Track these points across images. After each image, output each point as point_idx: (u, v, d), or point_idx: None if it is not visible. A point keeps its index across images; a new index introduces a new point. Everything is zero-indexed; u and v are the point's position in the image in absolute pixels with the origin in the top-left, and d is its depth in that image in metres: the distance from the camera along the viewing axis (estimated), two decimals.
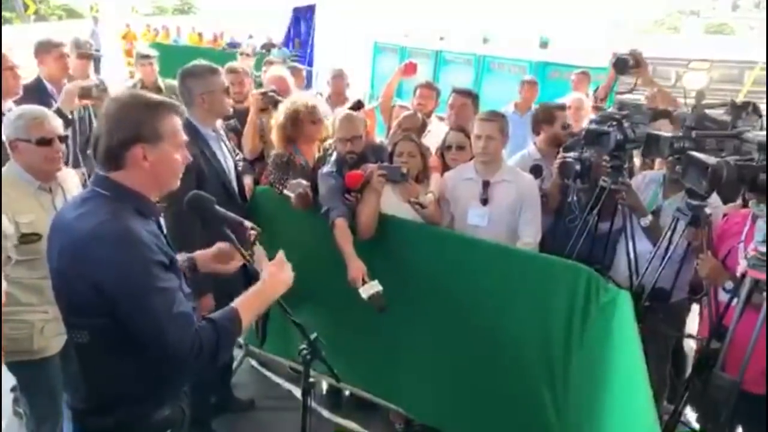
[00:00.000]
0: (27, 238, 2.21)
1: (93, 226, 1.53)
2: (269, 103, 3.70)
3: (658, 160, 3.26)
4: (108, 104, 1.62)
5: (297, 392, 3.18)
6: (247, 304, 1.70)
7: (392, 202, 2.99)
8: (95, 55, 5.64)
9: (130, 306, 1.52)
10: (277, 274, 1.78)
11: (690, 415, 2.94)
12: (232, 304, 1.68)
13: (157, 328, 1.52)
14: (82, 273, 1.52)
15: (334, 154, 3.13)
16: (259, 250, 1.82)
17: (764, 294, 2.02)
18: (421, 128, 3.81)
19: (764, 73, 9.23)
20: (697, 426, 2.63)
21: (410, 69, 4.75)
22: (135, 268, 1.51)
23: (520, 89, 5.55)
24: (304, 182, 3.05)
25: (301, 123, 3.25)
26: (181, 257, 1.95)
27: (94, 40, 12.12)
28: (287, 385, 3.66)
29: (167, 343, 1.52)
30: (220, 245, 1.97)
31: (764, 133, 1.97)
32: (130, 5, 48.12)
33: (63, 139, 2.38)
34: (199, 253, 1.97)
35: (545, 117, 3.66)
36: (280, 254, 1.84)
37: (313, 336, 1.96)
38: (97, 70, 6.59)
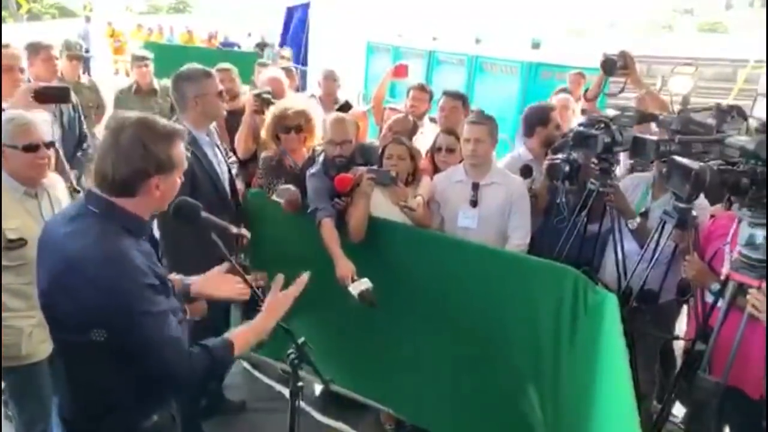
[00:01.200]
0: (13, 244, 2.20)
1: (82, 247, 1.53)
2: (264, 104, 3.71)
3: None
4: (119, 130, 1.57)
5: (288, 394, 3.18)
6: (243, 338, 1.77)
7: (382, 205, 3.00)
8: (85, 56, 5.62)
9: (123, 328, 1.53)
10: (276, 310, 1.85)
11: (678, 414, 2.98)
12: (228, 336, 1.74)
13: (151, 351, 1.56)
14: (71, 295, 1.52)
15: (322, 155, 3.14)
16: (278, 277, 1.89)
17: (747, 297, 2.04)
18: (413, 131, 3.82)
19: (756, 71, 9.28)
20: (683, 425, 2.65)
21: (401, 71, 4.75)
22: (124, 291, 1.51)
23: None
24: (293, 187, 3.06)
25: (274, 132, 3.27)
26: (178, 280, 1.95)
27: (85, 40, 12.06)
28: (279, 387, 3.66)
29: (162, 363, 1.58)
30: (217, 270, 2.00)
31: (746, 138, 1.99)
32: (124, 4, 47.90)
33: (49, 145, 2.38)
34: (192, 280, 1.99)
35: (541, 118, 3.67)
36: (280, 289, 1.89)
37: (300, 340, 1.97)
38: (86, 70, 6.53)
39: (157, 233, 2.60)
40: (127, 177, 1.56)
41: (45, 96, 2.96)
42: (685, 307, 3.31)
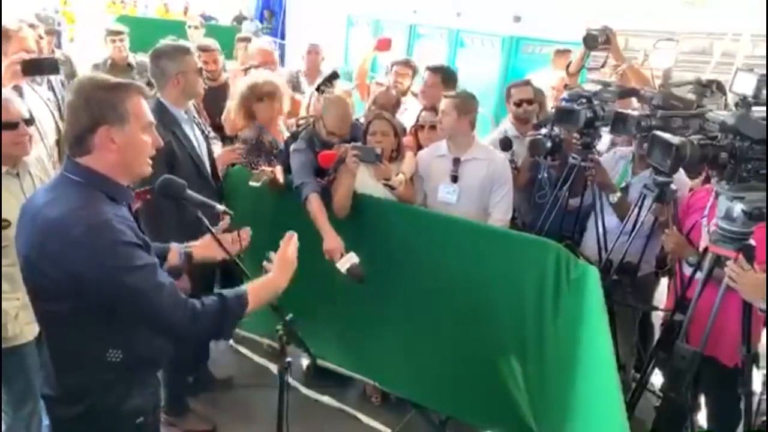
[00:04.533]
0: None
1: (63, 213, 1.52)
2: None
3: None
4: (71, 91, 1.61)
5: (275, 369, 3.21)
6: (257, 293, 1.76)
7: (366, 181, 3.00)
8: (57, 29, 5.47)
9: (113, 288, 1.52)
10: (287, 265, 1.85)
11: (656, 383, 3.07)
12: (245, 287, 1.74)
13: (148, 304, 1.55)
14: (55, 260, 1.51)
15: (306, 131, 3.13)
16: (289, 234, 1.90)
17: (725, 268, 2.09)
18: (396, 105, 3.80)
19: (734, 44, 9.35)
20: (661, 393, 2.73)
21: (384, 44, 4.71)
22: (109, 251, 1.51)
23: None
24: (268, 169, 3.04)
25: (247, 104, 3.26)
26: (177, 247, 2.00)
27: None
28: (265, 363, 3.69)
29: (157, 311, 1.56)
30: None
31: (726, 113, 2.02)
32: None
33: (29, 121, 2.32)
34: (192, 244, 2.02)
35: (506, 95, 3.71)
36: (291, 244, 1.89)
37: (289, 317, 1.98)
38: (59, 45, 6.32)
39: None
40: (78, 132, 1.58)
41: (33, 68, 2.86)
42: (663, 279, 3.39)
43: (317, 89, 3.40)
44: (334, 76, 3.75)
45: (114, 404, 1.66)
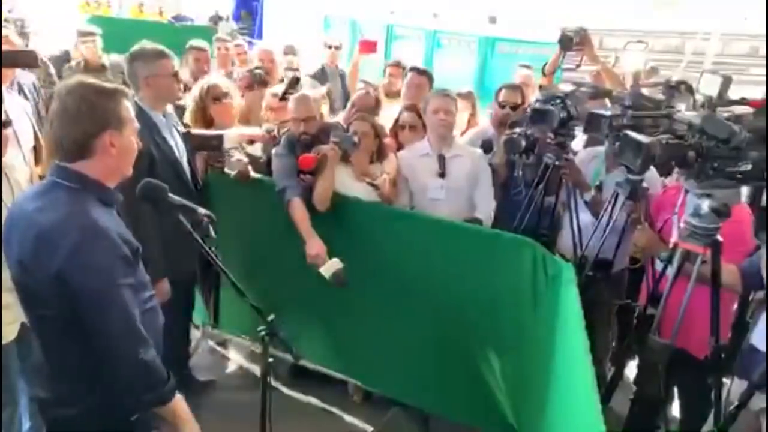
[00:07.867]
0: None
1: (54, 220, 1.54)
2: (256, 82, 3.76)
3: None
4: (64, 96, 1.60)
5: (257, 370, 3.21)
6: (175, 412, 1.73)
7: (348, 182, 3.03)
8: (25, 31, 5.42)
9: (91, 299, 1.55)
10: None
11: (630, 374, 3.14)
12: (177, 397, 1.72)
13: (104, 320, 1.57)
14: (46, 264, 1.53)
15: (287, 135, 3.15)
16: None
17: (696, 264, 2.16)
18: (375, 107, 3.84)
19: (704, 43, 9.58)
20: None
21: (368, 46, 4.75)
22: (101, 261, 1.54)
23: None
24: (244, 159, 3.13)
25: (203, 108, 3.32)
26: None
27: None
28: (247, 365, 3.70)
29: (113, 338, 1.58)
30: None
31: (693, 113, 2.09)
32: None
33: (6, 124, 2.31)
34: None
35: (496, 93, 3.78)
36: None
37: (270, 317, 2.00)
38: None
39: None
40: (79, 137, 1.59)
41: (11, 61, 2.80)
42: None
43: (282, 98, 3.41)
44: (294, 82, 3.79)
45: (109, 404, 1.68)
